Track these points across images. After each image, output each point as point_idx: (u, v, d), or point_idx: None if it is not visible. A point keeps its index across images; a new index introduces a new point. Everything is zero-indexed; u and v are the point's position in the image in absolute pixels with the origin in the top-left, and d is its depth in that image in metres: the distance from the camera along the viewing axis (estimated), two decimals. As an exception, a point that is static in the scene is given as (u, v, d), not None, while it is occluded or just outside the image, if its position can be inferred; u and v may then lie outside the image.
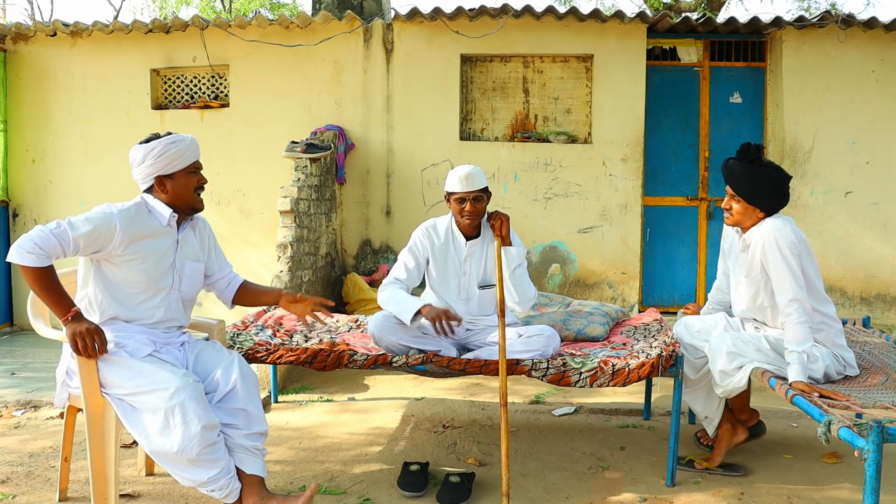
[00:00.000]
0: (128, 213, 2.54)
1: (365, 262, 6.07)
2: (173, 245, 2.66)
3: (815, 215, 5.77)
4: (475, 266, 3.31)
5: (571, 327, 3.65)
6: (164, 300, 2.64)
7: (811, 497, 2.88)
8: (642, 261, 6.01)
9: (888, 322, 5.78)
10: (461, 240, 3.31)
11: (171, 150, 2.58)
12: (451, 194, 3.23)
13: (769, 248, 2.83)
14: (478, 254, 3.31)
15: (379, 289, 3.26)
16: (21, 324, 6.24)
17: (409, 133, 5.99)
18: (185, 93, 6.29)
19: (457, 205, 3.21)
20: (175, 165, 2.60)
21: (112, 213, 2.50)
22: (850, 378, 2.88)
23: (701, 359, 3.15)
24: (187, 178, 2.64)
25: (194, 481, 2.41)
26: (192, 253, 2.75)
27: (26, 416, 3.90)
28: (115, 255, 2.52)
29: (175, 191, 2.63)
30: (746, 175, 2.93)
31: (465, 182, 3.17)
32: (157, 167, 2.59)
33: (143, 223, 2.58)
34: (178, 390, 2.36)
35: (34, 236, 2.38)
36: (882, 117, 5.75)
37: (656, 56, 6.11)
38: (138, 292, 2.59)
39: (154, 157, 2.57)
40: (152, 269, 2.59)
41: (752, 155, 2.95)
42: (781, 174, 2.96)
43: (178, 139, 2.61)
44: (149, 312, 2.61)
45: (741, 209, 2.97)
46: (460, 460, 3.26)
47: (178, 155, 2.59)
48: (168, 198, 2.63)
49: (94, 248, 2.48)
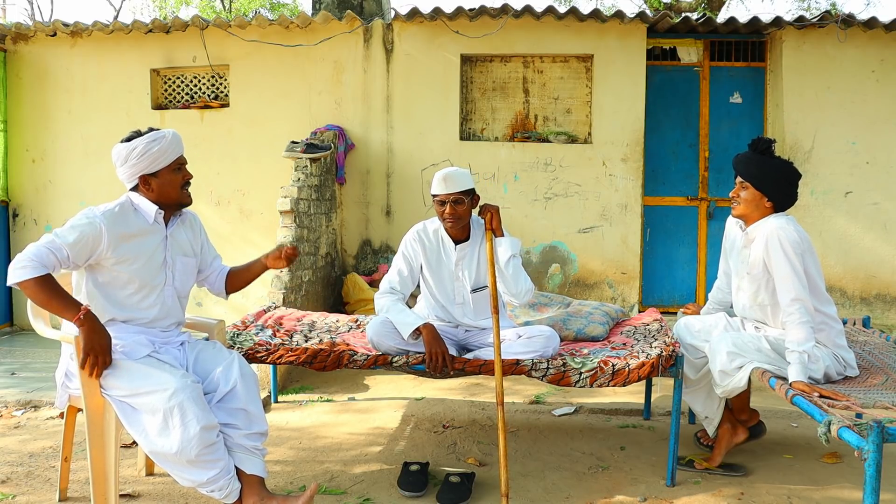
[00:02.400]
0: (111, 214, 2.51)
1: (365, 262, 6.07)
2: (163, 242, 2.64)
3: (815, 215, 5.77)
4: (467, 270, 3.25)
5: (571, 327, 3.65)
6: (158, 297, 2.63)
7: (811, 497, 2.88)
8: (642, 261, 6.01)
9: (888, 322, 5.78)
10: (450, 244, 3.25)
11: (153, 149, 2.53)
12: (434, 197, 3.13)
13: (772, 246, 2.82)
14: (468, 257, 3.24)
15: (376, 295, 3.24)
16: (21, 324, 6.24)
17: (409, 133, 5.99)
18: (185, 93, 6.29)
19: (438, 207, 3.13)
20: (159, 163, 2.55)
21: (95, 216, 2.47)
22: (850, 378, 2.88)
23: (701, 359, 3.15)
24: (172, 174, 2.60)
25: (194, 482, 2.41)
26: (183, 248, 2.73)
27: (26, 416, 3.90)
28: (107, 257, 2.49)
29: (161, 188, 2.58)
30: (758, 161, 2.96)
31: (443, 184, 3.07)
32: (141, 166, 2.54)
33: (129, 223, 2.55)
34: (177, 391, 2.36)
35: (25, 252, 2.35)
36: (882, 117, 5.75)
37: (656, 56, 6.11)
38: (132, 293, 2.57)
39: (136, 157, 2.52)
40: (144, 269, 2.57)
41: (764, 145, 2.97)
42: (792, 168, 2.98)
43: (159, 136, 2.55)
44: (145, 312, 2.60)
45: (749, 196, 2.97)
46: (460, 460, 3.26)
47: (160, 153, 2.54)
48: (154, 195, 2.59)
49: (85, 254, 2.45)
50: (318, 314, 4.05)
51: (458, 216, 3.10)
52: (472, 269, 3.25)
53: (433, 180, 3.14)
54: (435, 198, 3.13)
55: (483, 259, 3.23)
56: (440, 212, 3.13)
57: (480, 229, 3.26)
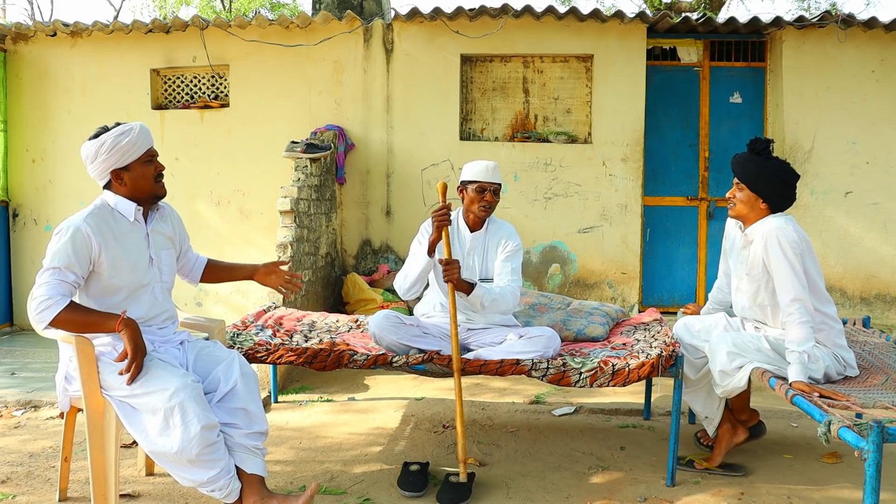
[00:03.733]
0: (92, 217, 2.51)
1: (365, 262, 6.07)
2: (144, 239, 2.64)
3: (815, 215, 5.77)
4: (477, 259, 3.34)
5: (571, 327, 3.65)
6: (150, 296, 2.64)
7: (811, 497, 2.88)
8: (642, 261, 6.01)
9: (888, 322, 5.78)
10: (466, 233, 3.35)
11: (122, 142, 2.51)
12: (470, 183, 3.25)
13: (771, 246, 2.82)
14: (479, 247, 3.35)
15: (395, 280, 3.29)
16: (21, 324, 6.24)
17: (409, 133, 5.99)
18: (185, 93, 6.29)
19: (476, 194, 3.23)
20: (129, 157, 2.53)
21: (76, 225, 2.46)
22: (850, 378, 2.88)
23: (701, 359, 3.15)
24: (144, 167, 2.58)
25: (194, 481, 2.41)
26: (164, 242, 2.74)
27: (26, 416, 3.90)
28: (100, 262, 2.49)
29: (134, 182, 2.57)
30: (755, 163, 2.95)
31: (490, 172, 3.22)
32: (111, 161, 2.52)
33: (111, 224, 2.55)
34: (177, 391, 2.36)
35: (37, 297, 2.36)
36: (882, 117, 5.75)
37: (656, 56, 6.11)
38: (126, 296, 2.57)
39: (106, 152, 2.51)
40: (134, 270, 2.58)
41: (762, 146, 2.96)
42: (789, 169, 2.96)
43: (126, 129, 2.54)
44: (138, 310, 2.59)
45: (744, 198, 2.97)
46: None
47: (130, 145, 2.52)
48: (128, 191, 2.58)
49: (85, 264, 2.46)
50: (318, 314, 4.05)
51: (493, 205, 3.26)
52: (481, 259, 3.35)
53: (467, 168, 3.28)
54: (471, 184, 3.25)
55: (491, 252, 3.34)
56: (478, 198, 3.24)
57: (493, 223, 3.36)
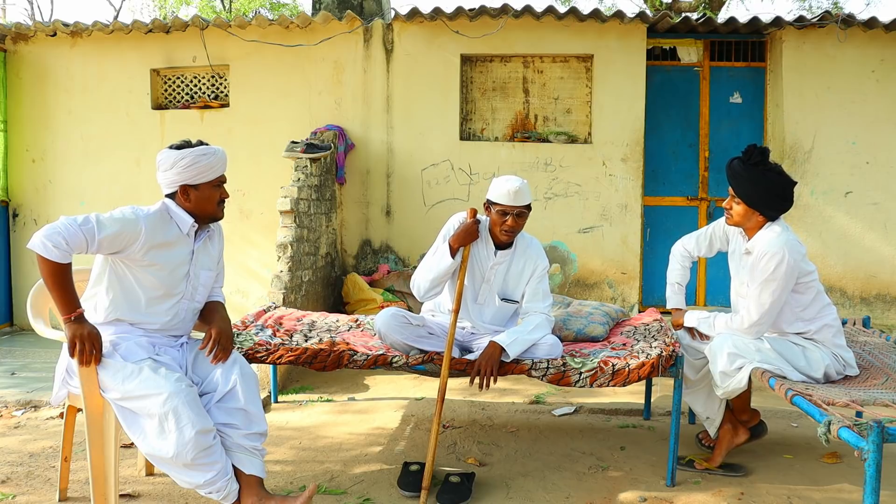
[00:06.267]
0: (152, 219, 2.54)
1: (365, 262, 6.07)
2: (189, 255, 2.65)
3: (815, 215, 5.77)
4: (499, 276, 3.24)
5: (571, 327, 3.65)
6: (174, 307, 2.64)
7: (811, 497, 2.88)
8: (642, 261, 6.01)
9: (888, 322, 5.78)
10: (492, 247, 3.22)
11: (200, 163, 2.55)
12: (494, 204, 3.09)
13: (768, 263, 2.79)
14: (504, 265, 3.23)
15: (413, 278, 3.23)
16: (21, 324, 6.24)
17: (409, 133, 5.99)
18: (185, 93, 6.29)
19: (498, 217, 3.08)
20: (202, 178, 2.58)
21: (139, 218, 2.49)
22: (850, 378, 2.88)
23: (701, 359, 3.15)
24: (212, 190, 2.62)
25: (192, 483, 2.42)
26: (207, 262, 2.74)
27: (26, 416, 3.90)
28: (135, 258, 2.51)
29: (198, 201, 2.61)
30: (750, 178, 2.88)
31: (512, 196, 3.04)
32: (184, 176, 2.56)
33: (165, 230, 2.57)
34: (171, 396, 2.36)
35: (62, 230, 2.34)
36: (882, 117, 5.75)
37: (656, 56, 6.11)
38: (151, 298, 2.58)
39: (183, 167, 2.55)
40: (168, 277, 2.59)
41: (756, 158, 2.89)
42: (785, 180, 2.90)
43: (209, 152, 2.58)
44: (156, 318, 2.60)
45: (742, 211, 2.94)
46: (460, 460, 3.26)
47: (206, 167, 2.57)
48: (191, 207, 2.61)
49: (115, 248, 2.47)
50: (318, 314, 4.05)
51: (517, 229, 3.12)
52: (502, 277, 3.24)
53: (494, 186, 3.10)
54: (495, 206, 3.08)
55: (514, 273, 3.24)
56: (500, 221, 3.09)
57: (522, 240, 3.25)
